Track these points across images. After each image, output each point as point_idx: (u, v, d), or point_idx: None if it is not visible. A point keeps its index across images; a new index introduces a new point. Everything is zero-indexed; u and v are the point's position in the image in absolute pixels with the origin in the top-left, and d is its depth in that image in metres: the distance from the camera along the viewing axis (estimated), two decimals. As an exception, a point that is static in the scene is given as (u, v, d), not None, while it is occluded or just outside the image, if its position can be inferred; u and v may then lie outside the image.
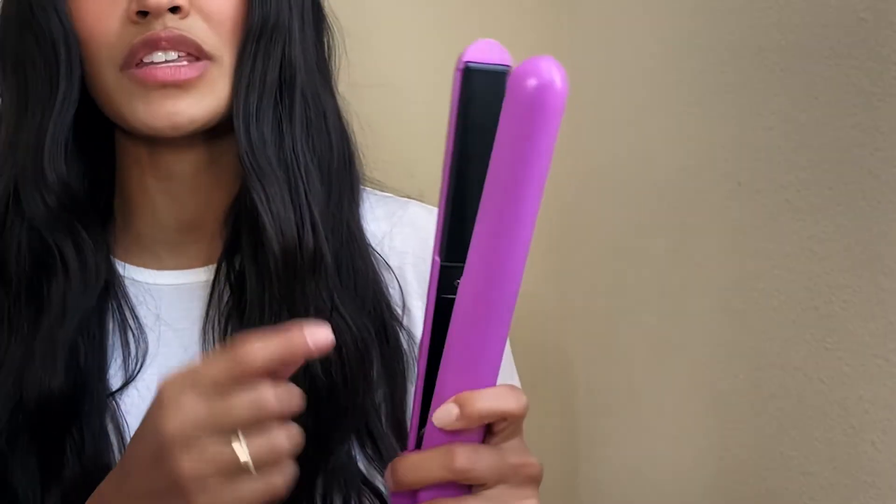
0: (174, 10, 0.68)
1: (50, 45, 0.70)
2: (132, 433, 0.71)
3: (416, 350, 0.76)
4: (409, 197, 0.84)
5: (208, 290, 0.74)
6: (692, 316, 0.85)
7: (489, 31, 1.09)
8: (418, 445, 0.56)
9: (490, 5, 1.08)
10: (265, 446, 0.53)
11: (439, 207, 0.55)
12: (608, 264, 0.98)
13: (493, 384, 0.55)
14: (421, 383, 0.56)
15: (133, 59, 0.69)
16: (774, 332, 0.75)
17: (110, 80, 0.70)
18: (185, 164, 0.75)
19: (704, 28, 0.82)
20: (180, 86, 0.69)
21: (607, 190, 0.97)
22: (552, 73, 0.49)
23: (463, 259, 0.53)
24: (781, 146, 0.74)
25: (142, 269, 0.76)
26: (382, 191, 0.83)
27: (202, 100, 0.70)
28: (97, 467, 0.70)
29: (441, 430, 0.54)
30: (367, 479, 0.73)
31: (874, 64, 0.65)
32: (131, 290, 0.75)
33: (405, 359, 0.76)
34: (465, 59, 0.53)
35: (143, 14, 0.68)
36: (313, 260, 0.71)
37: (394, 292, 0.77)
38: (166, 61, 0.68)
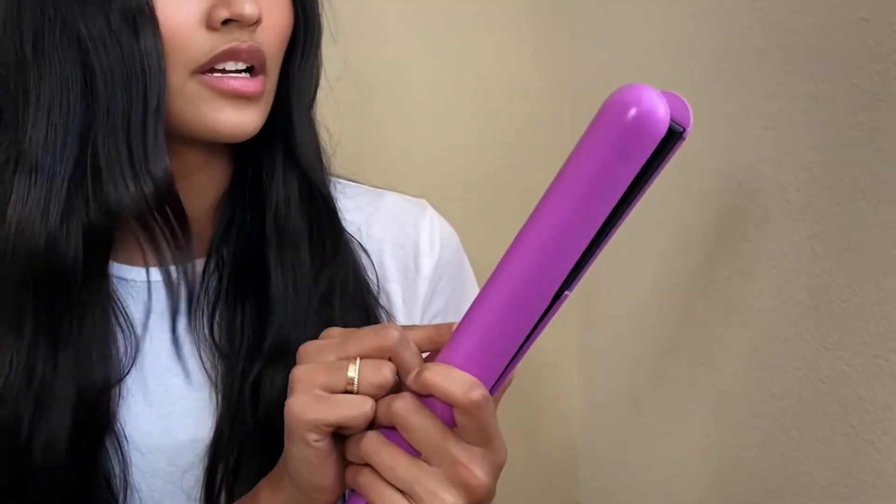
0: (255, 21, 0.69)
1: (132, 45, 0.68)
2: (127, 432, 0.71)
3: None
4: (382, 188, 0.84)
5: (195, 283, 0.75)
6: (692, 316, 0.85)
7: (490, 32, 1.09)
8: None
9: (492, 6, 1.08)
10: (372, 371, 0.58)
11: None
12: (608, 264, 0.98)
13: (490, 378, 0.56)
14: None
15: (210, 66, 0.69)
16: (774, 332, 0.75)
17: (177, 82, 0.70)
18: (185, 164, 0.75)
19: (704, 28, 0.82)
20: (250, 98, 0.70)
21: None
22: (653, 101, 0.50)
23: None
24: (781, 146, 0.74)
25: (129, 267, 0.76)
26: (355, 181, 0.84)
27: (261, 113, 0.71)
28: (97, 477, 0.70)
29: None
30: None
31: (874, 64, 0.65)
32: (120, 289, 0.75)
33: None
34: (674, 119, 0.51)
35: (227, 22, 0.68)
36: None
37: (371, 276, 0.78)
38: (237, 70, 0.69)
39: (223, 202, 0.76)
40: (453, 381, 0.56)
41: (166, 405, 0.73)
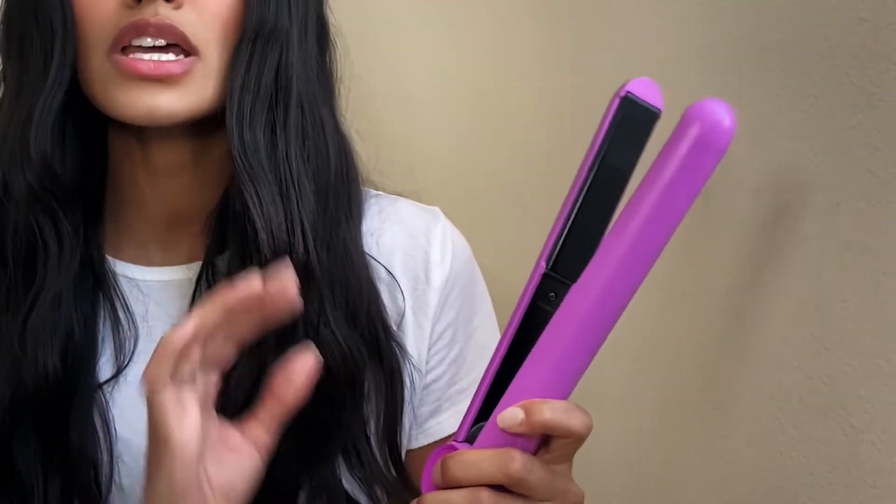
0: None
1: (48, 23, 0.69)
2: (118, 426, 0.71)
3: (411, 368, 0.76)
4: (400, 195, 0.83)
5: (192, 287, 0.74)
6: (692, 316, 0.85)
7: (492, 34, 1.09)
8: (469, 441, 0.56)
9: (493, 8, 1.08)
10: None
11: (559, 217, 0.55)
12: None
13: (566, 399, 0.56)
14: (489, 380, 0.56)
15: (120, 43, 0.68)
16: (774, 332, 0.75)
17: (97, 64, 0.70)
18: (173, 158, 0.75)
19: (704, 28, 0.82)
20: (162, 80, 0.68)
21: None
22: (721, 114, 0.51)
23: (570, 275, 0.54)
24: (782, 146, 0.74)
25: (131, 266, 0.76)
26: (375, 189, 0.83)
27: (183, 97, 0.70)
28: (83, 461, 0.70)
29: (500, 431, 0.55)
30: (351, 496, 0.73)
31: (874, 64, 0.65)
32: (125, 286, 0.75)
33: (401, 380, 0.76)
34: (627, 89, 0.55)
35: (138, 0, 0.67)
36: (305, 267, 0.70)
37: (390, 303, 0.77)
38: (154, 47, 0.68)
39: (219, 205, 0.76)
40: (569, 414, 0.56)
41: None
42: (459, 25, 1.09)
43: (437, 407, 0.80)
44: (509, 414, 0.55)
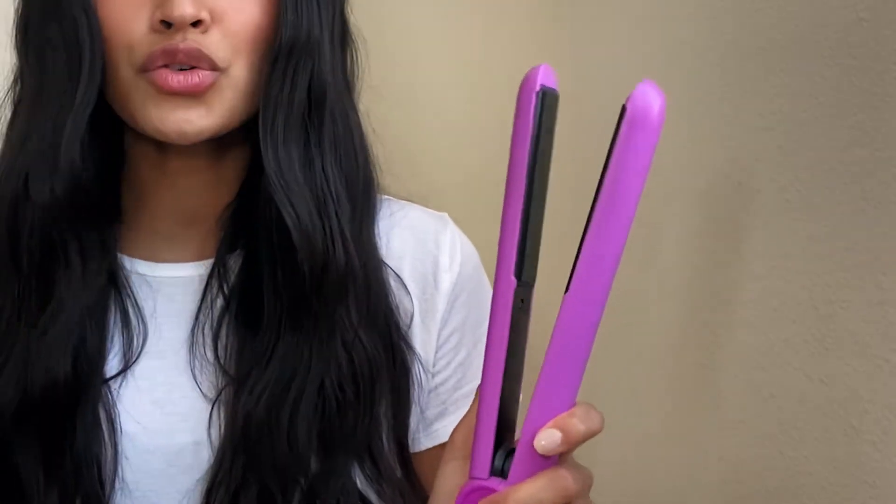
0: (196, 23, 0.68)
1: (74, 38, 0.69)
2: (123, 423, 0.71)
3: (419, 367, 0.76)
4: (408, 199, 0.84)
5: (202, 285, 0.74)
6: (692, 316, 0.85)
7: (493, 35, 1.09)
8: (500, 473, 0.56)
9: (493, 8, 1.08)
10: None
11: (509, 227, 0.56)
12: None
13: (574, 405, 0.56)
14: (495, 408, 0.56)
15: (149, 65, 0.69)
16: (774, 332, 0.75)
17: (127, 81, 0.70)
18: (190, 161, 0.75)
19: (704, 28, 0.82)
20: (193, 94, 0.68)
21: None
22: (650, 94, 0.52)
23: (530, 277, 0.55)
24: (781, 146, 0.74)
25: (142, 262, 0.76)
26: (383, 192, 0.83)
27: (212, 111, 0.70)
28: (86, 459, 0.70)
29: (534, 456, 0.55)
30: (365, 497, 0.73)
31: (874, 64, 0.65)
32: (135, 282, 0.75)
33: (410, 379, 0.76)
34: (541, 83, 0.55)
35: (167, 24, 0.68)
36: (344, 279, 0.71)
37: (401, 305, 0.77)
38: (181, 70, 0.68)
39: (231, 207, 0.76)
40: (592, 419, 0.56)
41: (170, 404, 0.73)
42: (459, 25, 1.09)
43: (442, 410, 0.80)
44: (548, 437, 0.55)
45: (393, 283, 0.77)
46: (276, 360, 0.70)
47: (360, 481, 0.73)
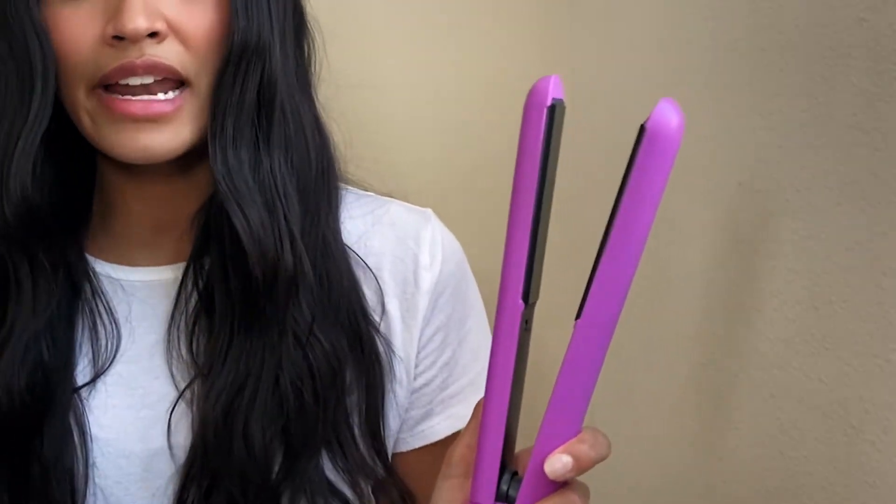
0: (152, 34, 0.66)
1: (25, 57, 0.67)
2: (93, 431, 0.71)
3: (389, 357, 0.76)
4: (390, 196, 0.82)
5: (176, 287, 0.74)
6: (692, 316, 0.85)
7: (491, 33, 1.09)
8: (505, 499, 0.56)
9: (493, 8, 1.08)
10: None
11: (516, 249, 0.54)
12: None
13: (581, 430, 0.56)
14: (501, 434, 0.56)
15: (105, 81, 0.67)
16: (774, 332, 0.75)
17: (81, 100, 0.68)
18: (159, 170, 0.74)
19: (704, 28, 0.82)
20: (155, 120, 0.67)
21: (607, 190, 0.97)
22: (668, 112, 0.50)
23: (534, 298, 0.54)
24: (781, 146, 0.74)
25: (116, 266, 0.76)
26: (363, 189, 0.82)
27: (179, 132, 0.68)
28: (57, 469, 0.69)
29: (542, 481, 0.55)
30: (334, 487, 0.73)
31: (874, 64, 0.65)
32: (107, 287, 0.75)
33: (381, 367, 0.75)
34: (552, 95, 0.53)
35: (120, 38, 0.66)
36: (293, 280, 0.70)
37: (370, 293, 0.76)
38: (142, 84, 0.67)
39: (203, 209, 0.75)
40: (601, 445, 0.56)
41: (145, 408, 0.72)
42: (459, 26, 1.09)
43: (428, 410, 0.79)
44: (559, 463, 0.55)
45: (361, 272, 0.76)
46: (231, 362, 0.70)
47: (331, 472, 0.73)
